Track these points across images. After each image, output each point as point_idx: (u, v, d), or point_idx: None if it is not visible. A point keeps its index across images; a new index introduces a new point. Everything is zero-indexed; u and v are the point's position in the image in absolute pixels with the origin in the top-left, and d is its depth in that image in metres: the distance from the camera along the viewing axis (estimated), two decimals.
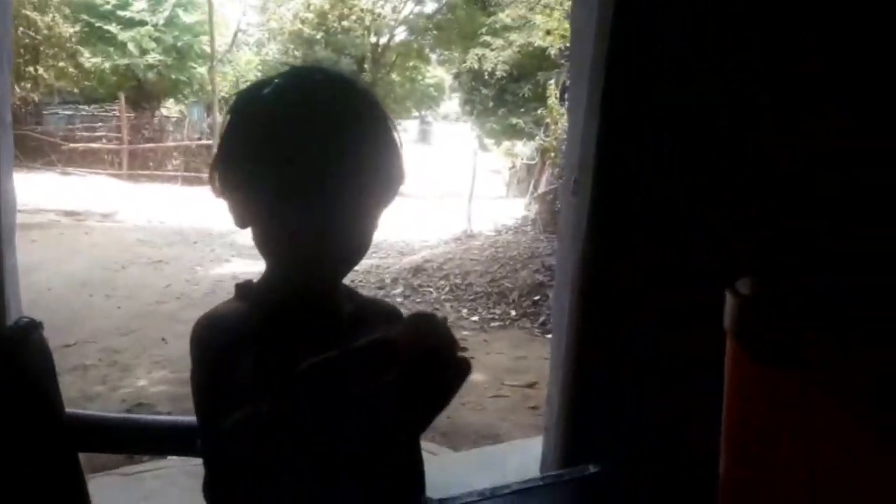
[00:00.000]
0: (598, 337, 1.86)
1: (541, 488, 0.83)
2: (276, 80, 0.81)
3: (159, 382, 3.75)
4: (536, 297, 5.41)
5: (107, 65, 16.59)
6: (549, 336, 4.75)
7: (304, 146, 0.75)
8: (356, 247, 0.82)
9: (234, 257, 7.65)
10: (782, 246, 1.62)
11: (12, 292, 1.57)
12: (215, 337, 0.79)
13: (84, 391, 3.57)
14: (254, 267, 0.80)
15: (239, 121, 0.81)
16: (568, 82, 9.49)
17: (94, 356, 4.14)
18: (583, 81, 1.88)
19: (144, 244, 8.05)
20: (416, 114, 26.72)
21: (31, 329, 1.02)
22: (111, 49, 16.53)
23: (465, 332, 4.93)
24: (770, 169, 1.64)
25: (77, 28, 16.33)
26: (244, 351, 0.75)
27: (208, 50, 16.94)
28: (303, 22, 18.49)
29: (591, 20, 1.81)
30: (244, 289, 0.87)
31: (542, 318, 5.09)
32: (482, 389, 3.80)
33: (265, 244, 0.82)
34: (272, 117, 0.77)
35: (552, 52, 11.57)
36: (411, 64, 23.12)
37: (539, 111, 12.94)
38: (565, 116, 9.24)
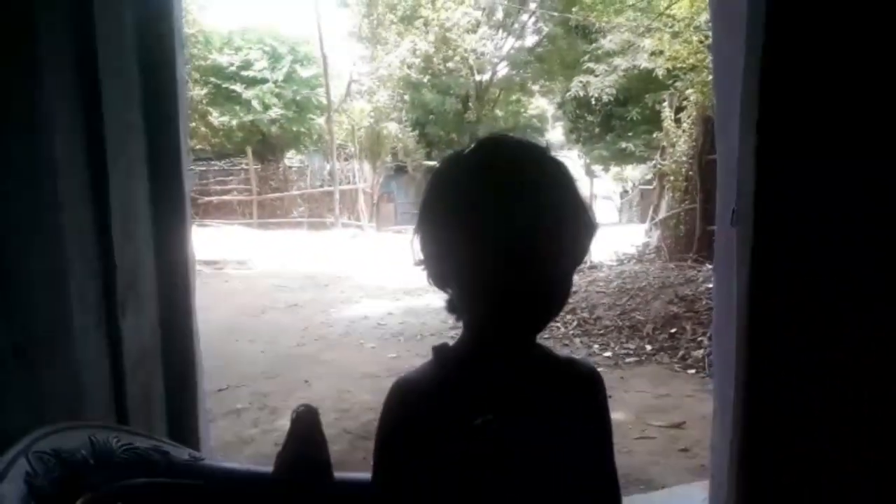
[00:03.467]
0: (770, 380, 1.75)
1: None
2: (473, 148, 0.86)
3: None
4: (673, 330, 5.15)
5: (234, 122, 17.88)
6: (692, 371, 4.54)
7: (503, 211, 0.80)
8: (553, 305, 0.86)
9: (364, 298, 7.90)
10: None
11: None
12: (408, 411, 0.87)
13: (239, 434, 3.75)
14: (381, 308, 0.85)
15: (439, 189, 0.86)
16: (684, 103, 9.23)
17: (245, 400, 4.34)
18: (733, 109, 1.82)
19: (279, 289, 8.45)
20: None
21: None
22: (237, 107, 17.82)
23: (600, 369, 4.79)
24: None
25: (206, 90, 17.74)
26: (425, 430, 0.84)
27: (325, 101, 17.88)
28: (409, 67, 19.18)
29: (737, 51, 1.75)
30: (440, 352, 0.92)
31: (681, 353, 4.82)
32: (626, 430, 3.60)
33: (466, 305, 0.86)
34: (473, 183, 0.83)
35: (659, 73, 11.32)
36: (514, 98, 23.31)
37: (653, 134, 12.61)
38: (682, 138, 8.97)
